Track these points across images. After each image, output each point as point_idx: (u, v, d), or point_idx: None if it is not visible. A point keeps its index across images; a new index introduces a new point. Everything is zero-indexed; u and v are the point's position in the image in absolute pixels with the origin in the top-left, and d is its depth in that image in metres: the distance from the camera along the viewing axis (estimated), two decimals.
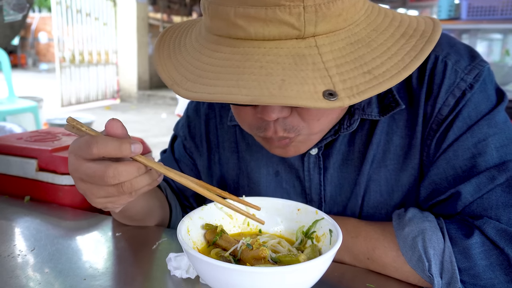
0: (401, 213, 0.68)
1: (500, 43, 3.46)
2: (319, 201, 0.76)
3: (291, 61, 0.47)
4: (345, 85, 0.46)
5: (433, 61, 0.68)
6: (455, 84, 0.66)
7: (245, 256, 0.57)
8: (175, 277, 0.64)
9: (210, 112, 0.87)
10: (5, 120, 3.48)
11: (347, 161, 0.74)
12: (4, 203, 0.97)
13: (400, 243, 0.64)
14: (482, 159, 0.63)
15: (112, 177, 0.52)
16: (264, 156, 0.80)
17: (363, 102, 0.70)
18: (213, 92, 0.47)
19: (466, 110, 0.65)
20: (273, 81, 0.46)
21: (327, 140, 0.72)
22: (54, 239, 0.78)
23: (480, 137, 0.64)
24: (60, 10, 7.49)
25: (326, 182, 0.75)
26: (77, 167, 0.55)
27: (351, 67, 0.48)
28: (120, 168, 0.52)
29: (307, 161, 0.75)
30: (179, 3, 10.55)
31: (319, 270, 0.52)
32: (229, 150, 0.84)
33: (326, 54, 0.49)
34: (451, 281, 0.59)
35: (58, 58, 7.59)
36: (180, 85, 0.51)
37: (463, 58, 0.68)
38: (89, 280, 0.64)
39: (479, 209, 0.63)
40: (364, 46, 0.51)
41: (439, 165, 0.67)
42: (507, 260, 0.58)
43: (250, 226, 0.68)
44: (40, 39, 16.09)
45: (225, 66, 0.49)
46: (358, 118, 0.70)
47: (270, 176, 0.80)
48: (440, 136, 0.67)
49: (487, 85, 0.67)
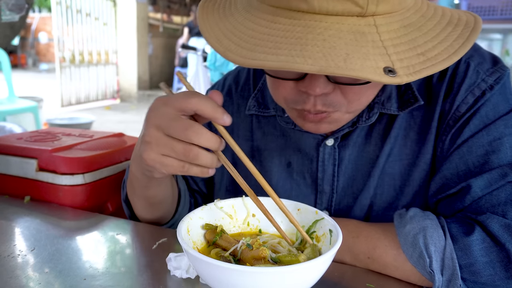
0: (402, 212, 0.68)
1: (500, 43, 3.46)
2: (330, 192, 0.77)
3: (352, 38, 0.49)
4: (402, 63, 0.49)
5: (456, 61, 0.70)
6: (476, 84, 0.68)
7: (245, 256, 0.57)
8: (175, 277, 0.64)
9: (228, 99, 0.89)
10: (5, 120, 3.48)
11: (362, 153, 0.75)
12: (4, 203, 0.97)
13: (401, 241, 0.64)
14: (496, 156, 0.64)
15: (195, 134, 0.54)
16: (279, 146, 0.81)
17: (383, 97, 0.72)
18: (276, 60, 0.48)
19: (484, 109, 0.67)
20: (337, 54, 0.48)
21: (344, 131, 0.74)
22: (54, 239, 0.78)
23: (495, 135, 0.65)
24: (60, 10, 7.49)
25: (339, 173, 0.76)
26: (165, 113, 0.56)
27: (406, 48, 0.51)
28: (204, 131, 0.54)
29: (322, 152, 0.77)
30: (179, 3, 10.55)
31: (319, 270, 0.52)
32: (243, 138, 0.86)
33: (383, 33, 0.51)
34: (452, 278, 0.59)
35: (58, 58, 7.59)
36: (235, 52, 0.52)
37: (486, 61, 0.70)
38: (89, 280, 0.64)
39: (486, 205, 0.63)
40: (416, 30, 0.53)
41: (451, 160, 0.68)
42: (507, 257, 0.59)
43: (250, 226, 0.68)
44: (40, 39, 16.09)
45: (285, 37, 0.50)
46: (377, 112, 0.72)
47: (282, 166, 0.81)
48: (456, 132, 0.68)
49: (506, 88, 0.68)
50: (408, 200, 0.73)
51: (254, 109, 0.84)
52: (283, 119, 0.80)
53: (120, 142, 1.13)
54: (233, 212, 0.67)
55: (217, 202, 0.66)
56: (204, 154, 0.55)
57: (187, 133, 0.54)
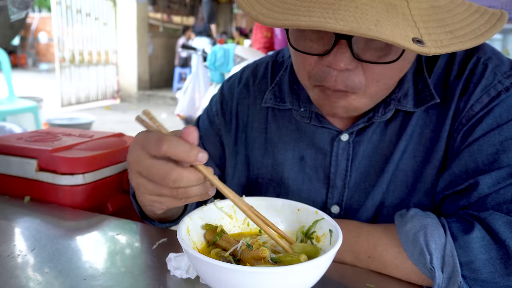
0: (403, 212, 0.69)
1: (500, 43, 3.46)
2: (342, 187, 0.77)
3: (384, 8, 0.52)
4: (430, 37, 0.52)
5: (474, 61, 0.71)
6: (492, 85, 0.68)
7: (245, 256, 0.57)
8: (175, 277, 0.64)
9: (245, 91, 0.90)
10: (5, 120, 3.48)
11: (376, 149, 0.76)
12: (4, 203, 0.97)
13: (402, 239, 0.64)
14: (506, 156, 0.64)
15: (173, 180, 0.53)
16: (293, 140, 0.82)
17: (400, 94, 0.73)
18: (309, 21, 0.51)
19: (498, 109, 0.67)
20: (369, 19, 0.50)
21: (359, 126, 0.75)
22: (54, 239, 0.78)
23: (507, 136, 0.65)
24: (60, 10, 7.49)
25: (353, 168, 0.77)
26: (141, 160, 0.55)
27: (435, 25, 0.54)
28: (184, 174, 0.53)
29: (336, 147, 0.77)
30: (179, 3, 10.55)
31: (319, 270, 0.52)
32: (257, 131, 0.86)
33: (414, 9, 0.53)
34: (452, 275, 0.60)
35: (58, 58, 7.59)
36: (267, 15, 0.55)
37: (504, 64, 0.70)
38: (89, 280, 0.64)
39: (492, 202, 0.64)
40: (445, 12, 0.56)
41: (461, 158, 0.68)
42: (506, 254, 0.59)
43: (250, 226, 0.68)
44: (40, 39, 16.10)
45: (318, 3, 0.53)
46: (393, 108, 0.73)
47: (295, 160, 0.81)
48: (468, 130, 0.68)
49: None
50: (419, 197, 0.73)
51: (271, 102, 0.84)
52: (299, 113, 0.80)
53: (120, 142, 1.13)
54: (233, 212, 0.67)
55: (217, 202, 0.66)
56: (193, 190, 0.54)
57: (167, 182, 0.53)
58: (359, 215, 0.76)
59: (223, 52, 4.58)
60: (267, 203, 0.68)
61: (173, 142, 0.52)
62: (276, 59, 0.90)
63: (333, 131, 0.78)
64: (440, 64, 0.74)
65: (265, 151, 0.85)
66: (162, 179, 0.53)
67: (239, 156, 0.88)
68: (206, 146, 0.91)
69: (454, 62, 0.73)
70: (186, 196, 0.55)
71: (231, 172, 0.89)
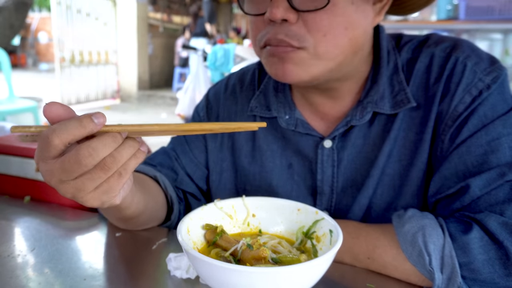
0: (401, 213, 0.68)
1: (500, 43, 3.46)
2: (330, 193, 0.78)
3: None
4: None
5: (453, 62, 0.71)
6: (473, 84, 0.68)
7: (245, 256, 0.57)
8: (175, 277, 0.64)
9: (231, 98, 0.89)
10: (5, 120, 3.47)
11: (361, 153, 0.76)
12: (4, 203, 0.97)
13: (401, 240, 0.64)
14: (494, 156, 0.64)
15: (88, 156, 0.46)
16: (280, 147, 0.82)
17: (376, 97, 0.73)
18: None
19: (482, 109, 0.67)
20: None
21: (340, 131, 0.75)
22: (54, 239, 0.78)
23: (494, 135, 0.65)
24: (60, 10, 7.48)
25: (339, 174, 0.77)
26: (50, 170, 0.48)
27: None
28: (93, 144, 0.46)
29: (321, 154, 0.77)
30: (179, 3, 10.55)
31: (319, 270, 0.52)
32: (244, 138, 0.86)
33: None
34: (452, 276, 0.60)
35: (58, 58, 7.58)
36: None
37: (483, 61, 0.70)
38: (89, 280, 0.64)
39: (485, 204, 0.64)
40: None
41: (450, 160, 0.68)
42: (505, 254, 0.59)
43: (250, 227, 0.68)
44: (40, 39, 16.09)
45: None
46: (370, 111, 0.73)
47: (283, 168, 0.81)
48: (454, 131, 0.68)
49: (505, 88, 0.69)
50: (406, 200, 0.73)
51: (256, 110, 0.84)
52: (284, 121, 0.80)
53: None
54: (233, 212, 0.67)
55: (217, 202, 0.66)
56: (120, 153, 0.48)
57: (84, 161, 0.46)
58: (348, 219, 0.76)
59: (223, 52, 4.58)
60: (268, 203, 0.68)
61: (58, 128, 0.45)
62: (262, 67, 0.90)
63: (316, 138, 0.78)
64: (419, 67, 0.74)
65: (253, 158, 0.84)
66: (79, 165, 0.46)
67: (225, 163, 0.88)
68: (193, 150, 0.89)
69: (433, 64, 0.73)
70: (118, 164, 0.48)
71: (216, 178, 0.89)
